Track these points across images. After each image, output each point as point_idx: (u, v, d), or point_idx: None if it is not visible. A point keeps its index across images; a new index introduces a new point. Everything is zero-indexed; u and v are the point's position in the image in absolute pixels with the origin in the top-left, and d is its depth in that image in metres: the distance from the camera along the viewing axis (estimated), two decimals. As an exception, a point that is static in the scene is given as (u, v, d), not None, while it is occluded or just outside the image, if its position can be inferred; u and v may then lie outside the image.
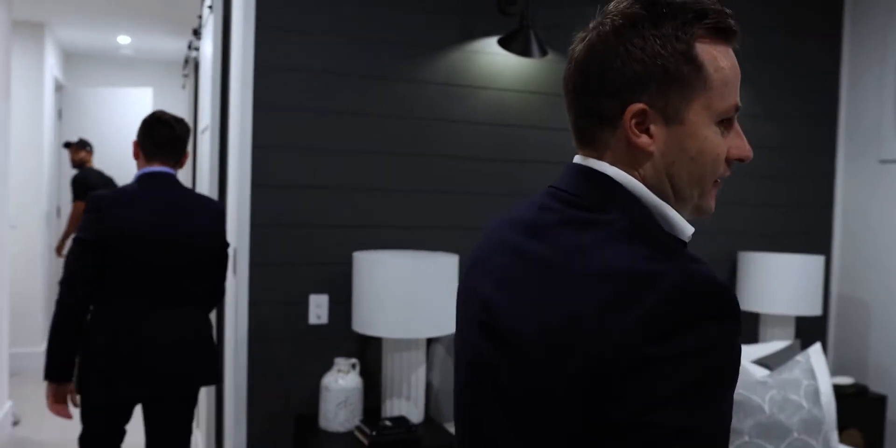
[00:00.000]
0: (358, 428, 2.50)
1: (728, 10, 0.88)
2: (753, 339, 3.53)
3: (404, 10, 2.83)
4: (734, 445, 2.13)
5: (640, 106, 0.85)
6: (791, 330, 3.32)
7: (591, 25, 0.91)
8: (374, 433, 2.42)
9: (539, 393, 0.81)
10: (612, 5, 0.90)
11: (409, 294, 2.45)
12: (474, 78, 2.95)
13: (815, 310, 3.23)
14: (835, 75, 3.73)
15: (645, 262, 0.76)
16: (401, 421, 2.50)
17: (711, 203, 0.93)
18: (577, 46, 0.91)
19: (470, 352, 0.94)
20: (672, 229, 0.89)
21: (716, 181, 0.91)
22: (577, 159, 0.93)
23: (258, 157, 2.63)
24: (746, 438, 2.16)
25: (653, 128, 0.87)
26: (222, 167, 3.15)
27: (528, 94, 3.04)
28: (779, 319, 3.31)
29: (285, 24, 2.65)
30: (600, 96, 0.88)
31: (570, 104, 0.93)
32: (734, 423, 2.17)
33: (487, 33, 2.97)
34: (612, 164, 0.89)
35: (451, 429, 2.78)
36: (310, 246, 2.71)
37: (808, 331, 3.67)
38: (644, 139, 0.87)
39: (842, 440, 3.16)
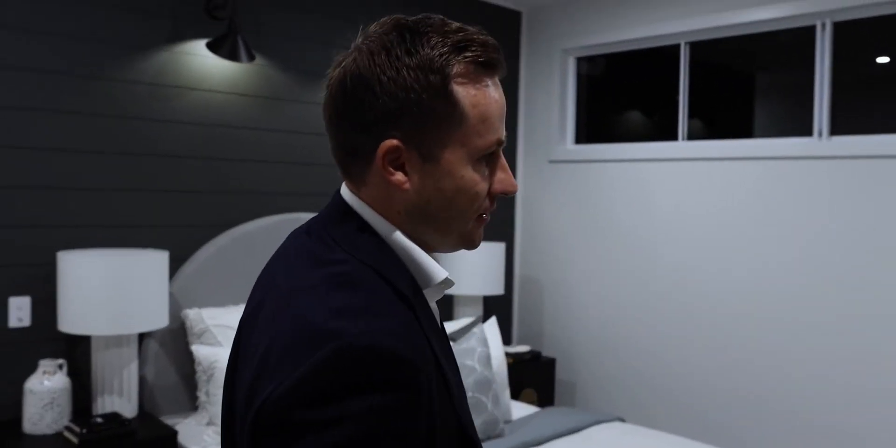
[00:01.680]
0: (67, 428, 2.50)
1: (492, 41, 0.84)
2: (448, 317, 4.01)
3: (112, 9, 2.82)
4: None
5: (393, 143, 0.81)
6: (480, 308, 3.83)
7: (351, 47, 0.85)
8: (84, 431, 2.44)
9: (241, 435, 0.79)
10: (372, 27, 0.85)
11: (117, 291, 2.50)
12: (183, 79, 3.03)
13: (498, 289, 3.76)
14: (515, 87, 4.32)
15: (330, 317, 0.73)
16: (113, 417, 2.53)
17: (475, 237, 0.89)
18: (333, 72, 0.85)
19: (226, 380, 0.92)
20: (421, 274, 0.85)
21: (481, 216, 0.88)
22: (342, 189, 0.89)
23: (-57, 155, 2.50)
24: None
25: (408, 165, 0.82)
26: None
27: (236, 96, 3.18)
28: (469, 299, 3.80)
29: (-28, 16, 2.53)
30: (353, 130, 0.83)
31: (328, 132, 0.87)
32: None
33: (197, 36, 3.06)
34: (369, 198, 0.86)
35: (168, 421, 2.86)
36: (8, 247, 2.63)
37: (496, 308, 4.24)
38: (399, 177, 0.82)
39: (521, 399, 3.73)
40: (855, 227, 3.07)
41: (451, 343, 2.90)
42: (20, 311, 2.65)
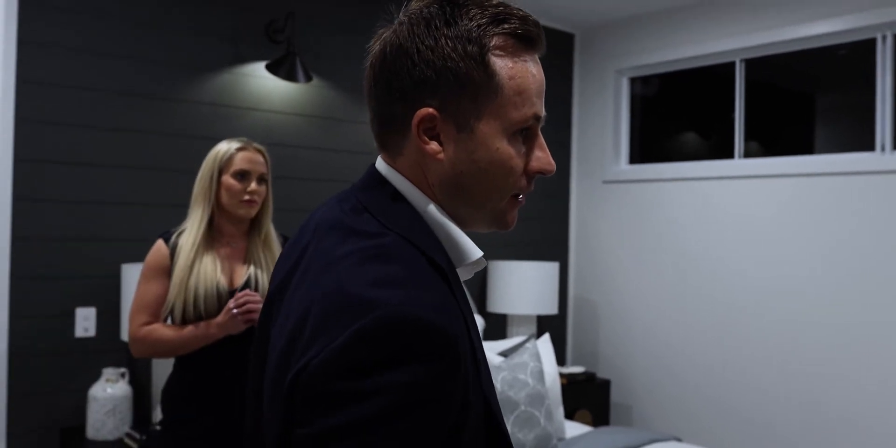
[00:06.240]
0: (127, 434, 2.57)
1: (532, 17, 0.84)
2: (502, 335, 3.99)
3: (176, 32, 2.96)
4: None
5: (429, 111, 0.81)
6: (533, 327, 3.81)
7: (394, 23, 0.86)
8: (143, 437, 2.50)
9: (271, 402, 0.80)
10: (412, 3, 0.86)
11: (179, 301, 2.57)
12: (244, 99, 3.14)
13: (552, 309, 3.74)
14: (568, 108, 4.34)
15: (370, 287, 0.73)
16: (171, 425, 2.59)
17: (510, 218, 0.88)
18: (374, 45, 0.87)
19: (254, 349, 0.94)
20: (455, 250, 0.85)
21: (517, 196, 0.86)
22: (377, 162, 0.90)
23: (21, 170, 2.63)
24: (482, 413, 2.52)
25: (443, 135, 0.82)
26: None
27: (294, 116, 3.28)
28: (523, 319, 3.78)
29: (54, 40, 2.68)
30: (390, 98, 0.83)
31: (368, 104, 0.88)
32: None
33: (256, 58, 3.18)
34: (405, 169, 0.86)
35: (224, 432, 2.90)
36: (76, 259, 2.74)
37: (550, 328, 4.20)
38: (433, 146, 0.82)
39: (575, 419, 3.67)
40: (922, 242, 2.97)
41: (503, 358, 2.88)
42: (86, 321, 2.75)
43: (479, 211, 0.86)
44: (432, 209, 0.85)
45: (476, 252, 0.86)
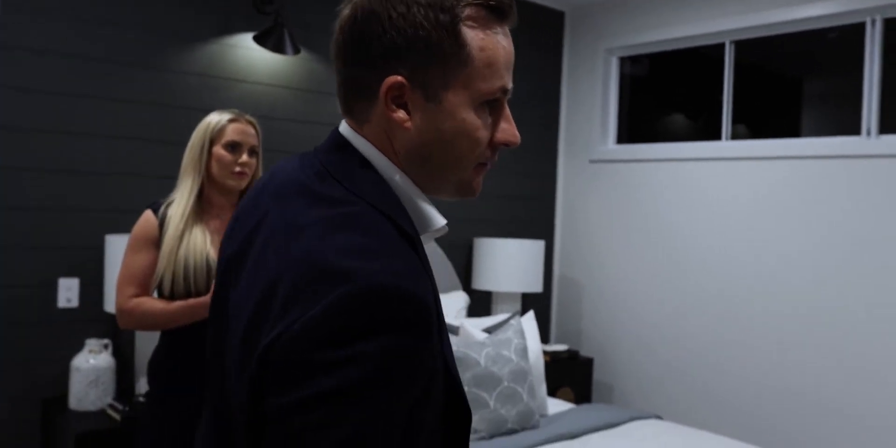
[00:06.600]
0: (110, 405, 2.56)
1: None
2: (486, 312, 4.01)
3: (164, 1, 2.91)
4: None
5: (397, 79, 0.81)
6: (518, 305, 3.82)
7: None
8: (126, 409, 2.50)
9: (238, 370, 0.78)
10: None
11: (163, 273, 2.55)
12: (231, 71, 3.10)
13: (536, 287, 3.75)
14: (557, 86, 4.32)
15: (344, 256, 0.72)
16: (155, 397, 2.59)
17: (475, 185, 0.88)
18: (344, 9, 0.85)
19: (212, 314, 0.93)
20: (420, 218, 0.86)
21: (482, 164, 0.87)
22: (341, 126, 0.89)
23: (3, 138, 2.59)
24: (465, 388, 2.54)
25: (410, 104, 0.82)
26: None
27: (281, 89, 3.25)
28: (507, 296, 3.80)
29: (36, 5, 2.62)
30: (359, 65, 0.83)
31: (335, 69, 0.88)
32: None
33: (244, 29, 3.14)
34: (370, 136, 0.86)
35: (207, 404, 2.90)
36: (60, 229, 2.71)
37: (534, 306, 4.23)
38: (400, 114, 0.82)
39: (557, 396, 3.71)
40: (904, 226, 3.00)
41: (488, 335, 2.90)
42: (69, 291, 2.73)
43: (444, 179, 0.87)
44: (398, 176, 0.85)
45: (440, 220, 0.87)
